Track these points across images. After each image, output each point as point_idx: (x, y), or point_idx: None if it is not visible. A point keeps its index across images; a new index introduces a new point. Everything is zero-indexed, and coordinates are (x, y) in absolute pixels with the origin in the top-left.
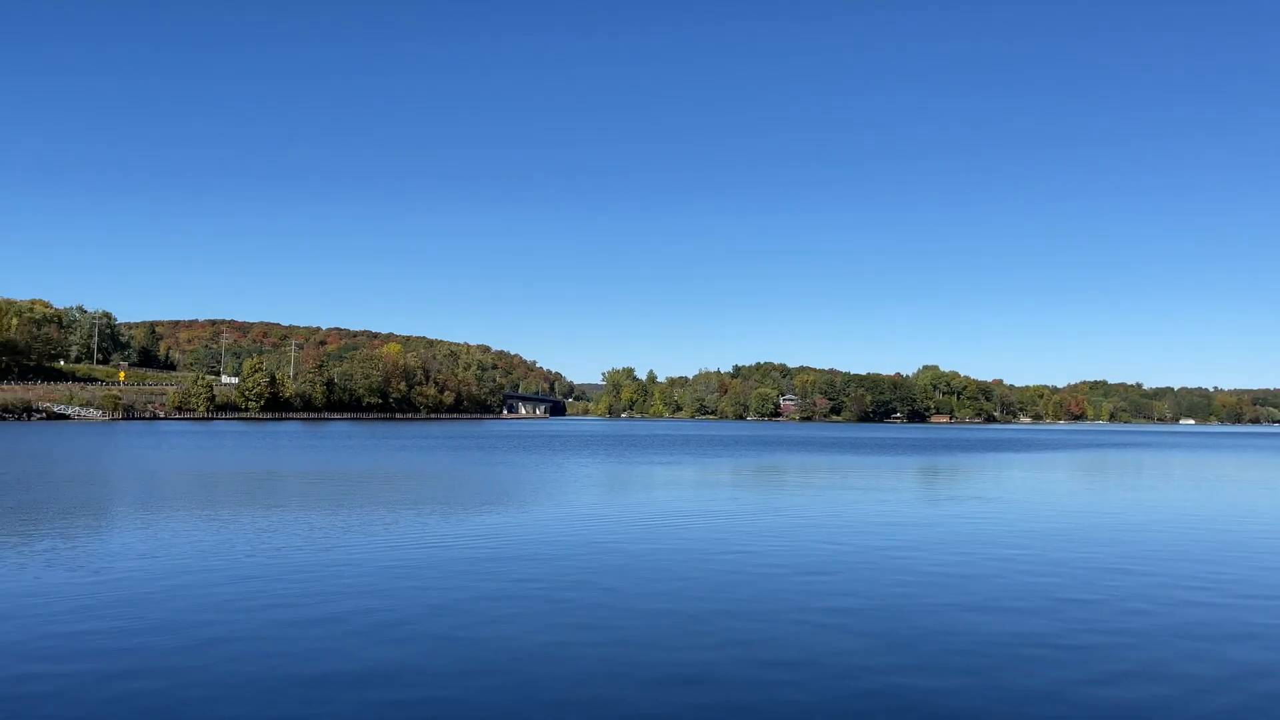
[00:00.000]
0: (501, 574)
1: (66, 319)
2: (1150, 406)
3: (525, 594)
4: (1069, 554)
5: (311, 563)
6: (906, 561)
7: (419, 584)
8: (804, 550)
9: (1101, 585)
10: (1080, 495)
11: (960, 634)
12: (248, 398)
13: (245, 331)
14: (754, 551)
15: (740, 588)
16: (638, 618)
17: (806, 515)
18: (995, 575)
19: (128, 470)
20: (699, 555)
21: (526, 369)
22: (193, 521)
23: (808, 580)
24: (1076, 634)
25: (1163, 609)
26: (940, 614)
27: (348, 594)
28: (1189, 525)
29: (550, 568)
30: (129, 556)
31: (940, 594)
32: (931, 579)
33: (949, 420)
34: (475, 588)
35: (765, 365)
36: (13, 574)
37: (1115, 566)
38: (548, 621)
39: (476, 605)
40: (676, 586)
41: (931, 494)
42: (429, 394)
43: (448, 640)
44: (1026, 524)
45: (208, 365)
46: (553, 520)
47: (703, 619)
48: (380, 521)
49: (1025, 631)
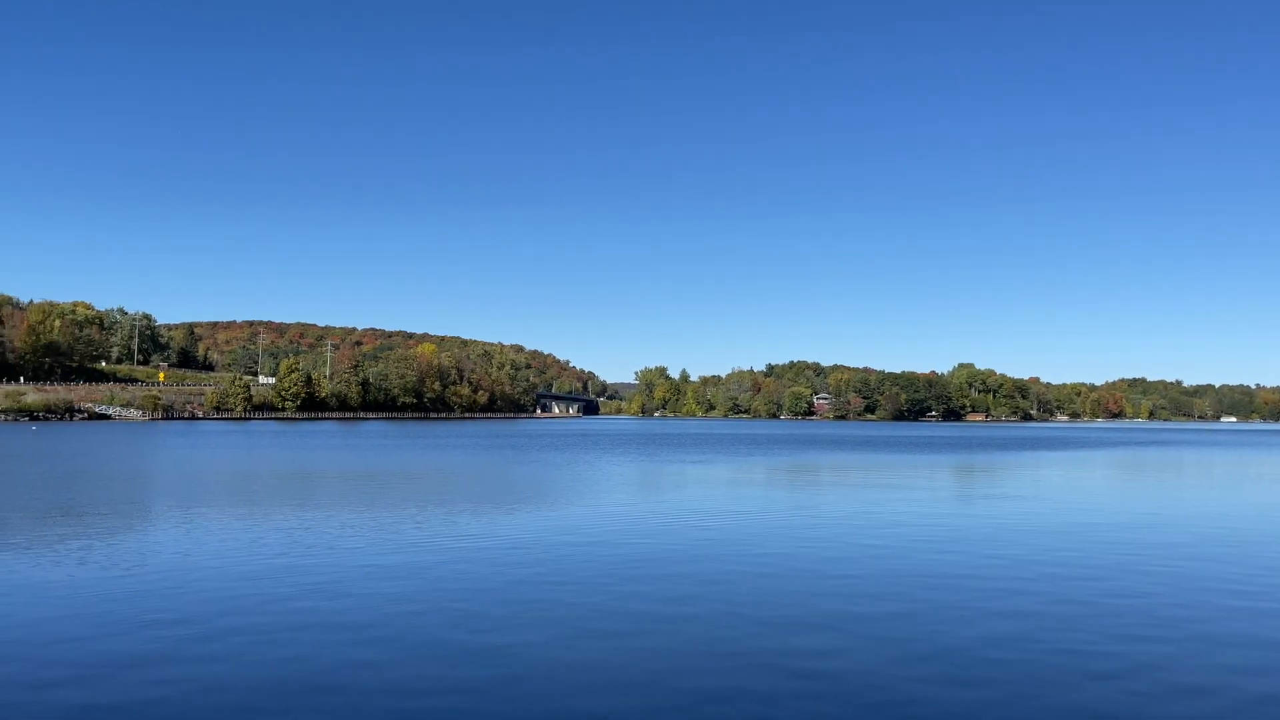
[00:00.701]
0: (518, 576)
1: (108, 321)
2: (1190, 404)
3: (535, 597)
4: (1116, 558)
5: (334, 564)
6: (943, 564)
7: (442, 586)
8: (840, 551)
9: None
10: (1123, 494)
11: (994, 644)
12: (284, 398)
13: (282, 332)
14: (784, 554)
15: (772, 591)
16: (667, 622)
17: (841, 514)
18: (1036, 581)
19: (165, 470)
20: (722, 556)
21: (560, 368)
22: (227, 520)
23: (845, 584)
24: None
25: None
26: (981, 623)
27: (366, 594)
28: (1239, 529)
29: (573, 569)
30: (163, 554)
31: (983, 599)
32: (969, 583)
33: (985, 418)
34: (498, 591)
35: (799, 364)
36: (47, 570)
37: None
38: (560, 631)
39: (497, 609)
40: (699, 590)
41: (968, 492)
42: (463, 394)
43: (463, 648)
44: (1080, 530)
45: (245, 366)
46: (579, 519)
47: (723, 623)
48: (411, 520)
49: (1086, 649)
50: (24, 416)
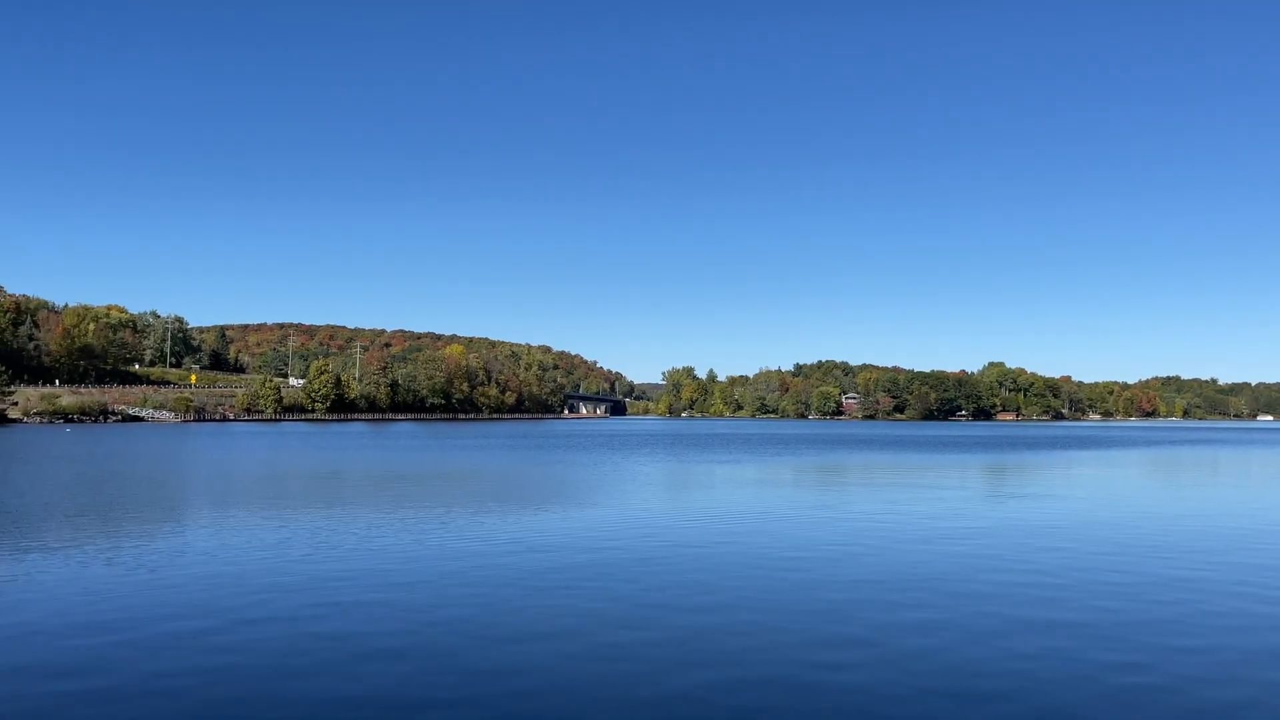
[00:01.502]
0: (540, 572)
1: (141, 324)
2: (1226, 402)
3: (553, 587)
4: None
5: (354, 568)
6: (975, 568)
7: (467, 586)
8: (873, 556)
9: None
10: (1160, 494)
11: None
12: (314, 399)
13: (312, 334)
14: (810, 558)
15: (796, 593)
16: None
17: (878, 517)
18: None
19: (195, 471)
20: (746, 561)
21: (587, 369)
22: (255, 521)
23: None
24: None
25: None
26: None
27: (388, 593)
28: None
29: (594, 575)
30: (189, 555)
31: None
32: (1011, 589)
33: (1015, 417)
34: (513, 600)
35: (827, 363)
36: (74, 571)
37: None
38: (578, 643)
39: (511, 619)
40: (724, 599)
41: (998, 492)
42: (491, 394)
43: (475, 655)
44: (1118, 530)
45: (275, 368)
46: (604, 520)
47: (742, 631)
48: (436, 520)
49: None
50: (59, 418)
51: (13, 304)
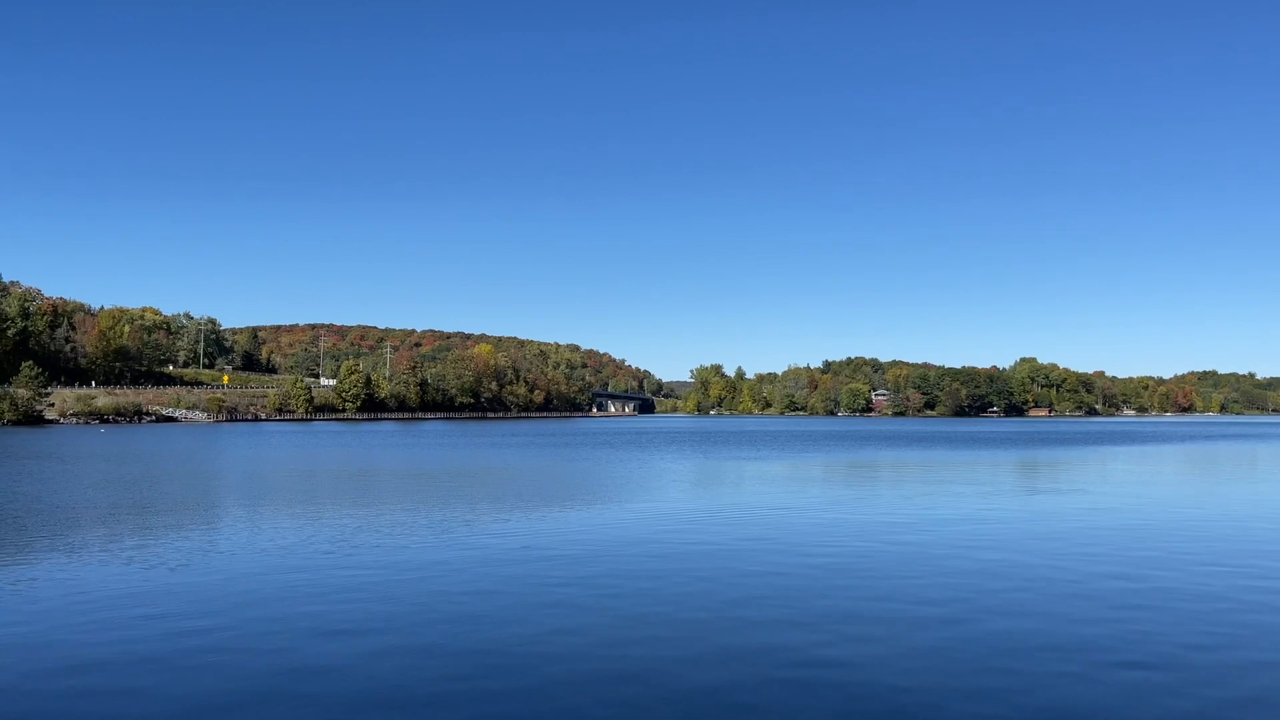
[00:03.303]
0: (556, 570)
1: (175, 326)
2: (1264, 397)
3: (568, 590)
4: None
5: (377, 563)
6: (1001, 567)
7: (488, 584)
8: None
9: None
10: (1196, 492)
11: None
12: (344, 399)
13: (343, 335)
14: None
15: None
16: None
17: (911, 515)
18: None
19: (225, 470)
20: (777, 558)
21: (615, 367)
22: (279, 519)
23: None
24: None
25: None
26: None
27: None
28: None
29: (608, 566)
30: (213, 553)
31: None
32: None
33: (1048, 414)
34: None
35: (856, 360)
36: (95, 569)
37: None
38: (595, 638)
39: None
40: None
41: (1032, 487)
42: (519, 393)
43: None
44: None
45: (306, 368)
46: (633, 516)
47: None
48: (461, 518)
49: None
50: (94, 419)
51: (50, 307)
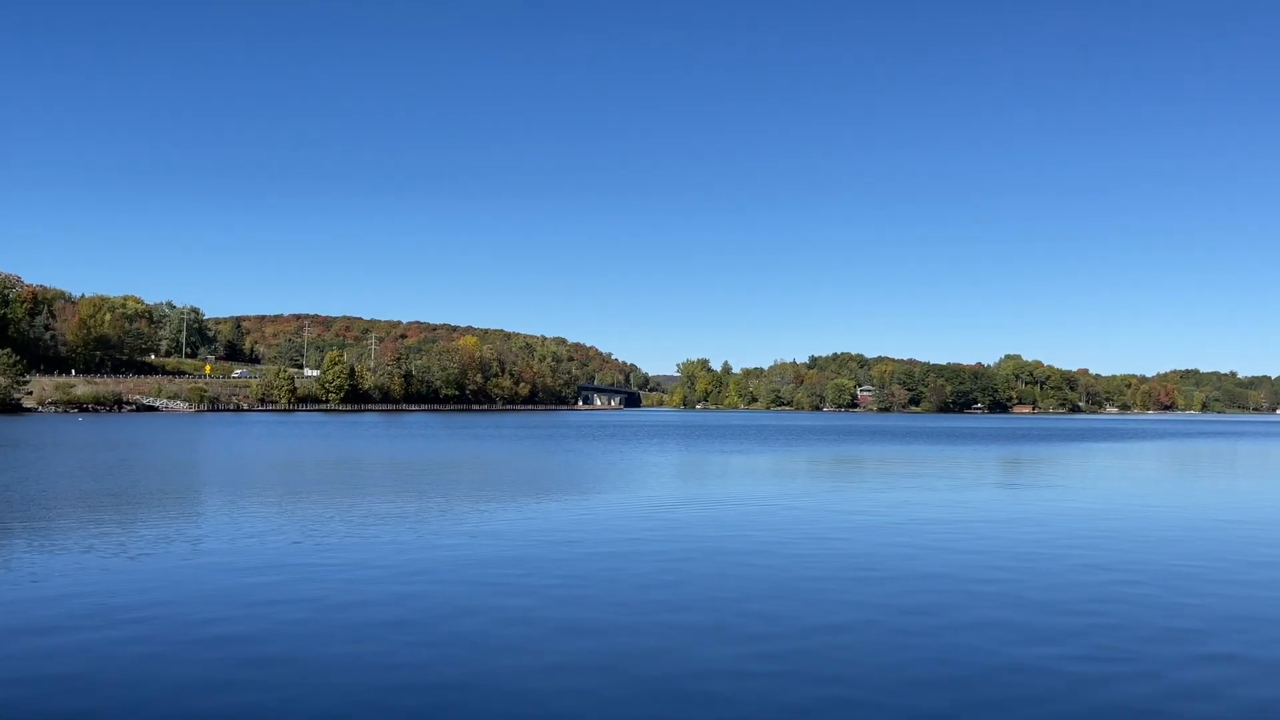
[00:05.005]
0: (518, 570)
1: (157, 315)
2: (1245, 396)
3: (520, 594)
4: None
5: (346, 561)
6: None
7: (459, 579)
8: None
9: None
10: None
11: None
12: (327, 389)
13: (328, 325)
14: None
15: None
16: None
17: (884, 511)
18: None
19: (200, 460)
20: (734, 552)
21: (602, 361)
22: (248, 509)
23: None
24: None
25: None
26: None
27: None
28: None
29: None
30: (177, 541)
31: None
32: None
33: (1032, 411)
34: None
35: (842, 356)
36: (53, 557)
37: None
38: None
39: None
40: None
41: (1025, 483)
42: (504, 385)
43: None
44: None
45: (290, 359)
46: (611, 509)
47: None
48: (436, 510)
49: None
50: (73, 408)
51: (30, 294)
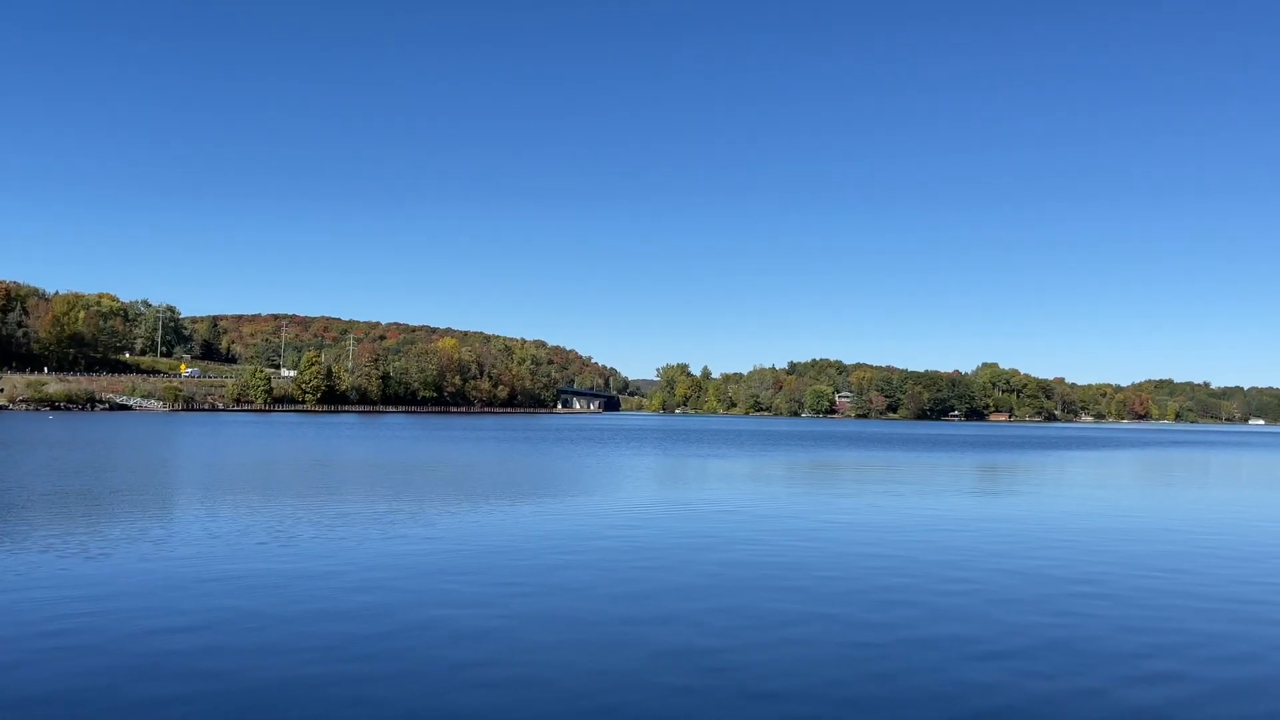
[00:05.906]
0: (492, 570)
1: (132, 313)
2: (1218, 406)
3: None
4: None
5: (319, 561)
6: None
7: (429, 581)
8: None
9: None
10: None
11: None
12: (304, 390)
13: (307, 326)
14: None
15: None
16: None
17: (859, 514)
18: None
19: (172, 460)
20: (706, 556)
21: (581, 364)
22: (217, 509)
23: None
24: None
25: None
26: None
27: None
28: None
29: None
30: (141, 542)
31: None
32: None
33: (1008, 418)
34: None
35: (821, 362)
36: (4, 559)
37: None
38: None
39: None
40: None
41: (996, 490)
42: (483, 388)
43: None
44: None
45: (268, 359)
46: (585, 513)
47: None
48: (406, 512)
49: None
50: (45, 406)
51: (2, 290)
